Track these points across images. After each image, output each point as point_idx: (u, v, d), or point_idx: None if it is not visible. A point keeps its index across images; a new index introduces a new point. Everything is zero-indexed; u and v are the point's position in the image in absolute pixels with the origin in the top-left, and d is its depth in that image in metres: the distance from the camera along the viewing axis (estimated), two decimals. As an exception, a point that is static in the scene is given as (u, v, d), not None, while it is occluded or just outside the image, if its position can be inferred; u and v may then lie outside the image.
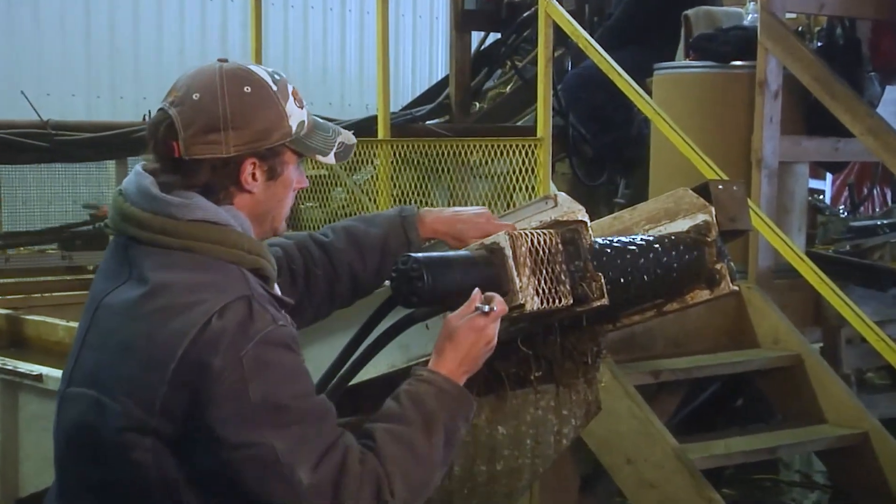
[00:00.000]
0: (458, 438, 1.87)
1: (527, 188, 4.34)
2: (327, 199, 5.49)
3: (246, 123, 1.82)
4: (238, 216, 1.85)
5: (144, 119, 5.93)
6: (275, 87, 1.88)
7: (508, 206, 4.42)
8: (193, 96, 1.83)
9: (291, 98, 1.89)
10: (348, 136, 1.99)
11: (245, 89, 1.84)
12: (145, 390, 1.72)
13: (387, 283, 2.11)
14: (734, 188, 2.42)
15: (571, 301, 2.05)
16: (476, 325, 1.88)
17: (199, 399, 1.70)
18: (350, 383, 2.21)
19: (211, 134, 1.81)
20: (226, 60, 1.89)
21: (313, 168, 5.50)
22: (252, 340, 1.71)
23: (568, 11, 4.53)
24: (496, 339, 1.91)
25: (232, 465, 1.70)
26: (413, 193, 4.96)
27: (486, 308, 1.88)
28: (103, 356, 1.79)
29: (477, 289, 1.91)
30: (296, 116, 1.89)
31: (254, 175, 1.85)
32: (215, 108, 1.82)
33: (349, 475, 1.74)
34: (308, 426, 1.73)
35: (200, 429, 1.71)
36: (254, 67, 1.90)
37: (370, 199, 5.25)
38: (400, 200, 5.02)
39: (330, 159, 1.93)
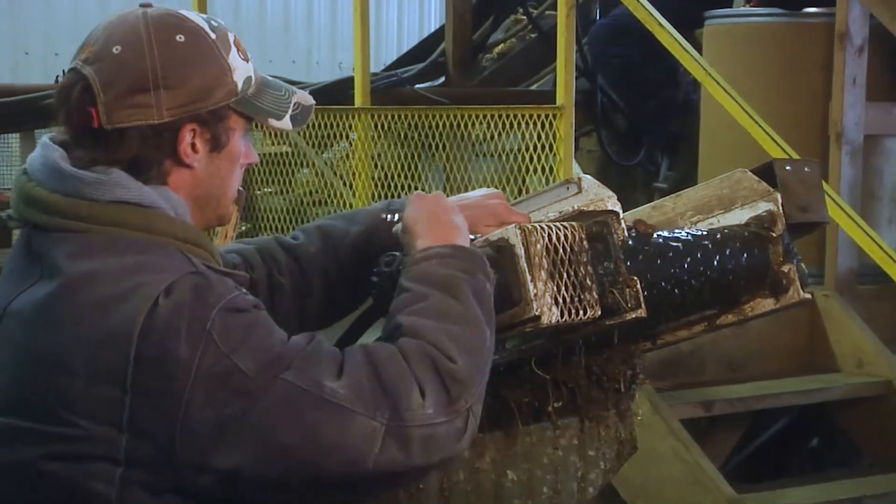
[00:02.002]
0: (488, 294, 1.90)
1: (544, 169, 4.36)
2: (290, 183, 5.51)
3: (181, 81, 1.83)
4: (171, 197, 1.86)
5: (57, 81, 5.94)
6: (213, 35, 1.88)
7: (520, 192, 4.44)
8: (113, 50, 1.83)
9: (234, 49, 1.90)
10: (304, 97, 2.00)
11: (177, 38, 1.85)
12: (102, 408, 1.73)
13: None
14: (806, 169, 2.44)
15: (599, 312, 2.06)
16: (421, 197, 2.00)
17: (176, 402, 1.71)
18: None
19: (138, 95, 1.81)
20: (150, 5, 1.89)
21: (272, 144, 5.52)
22: (214, 308, 1.74)
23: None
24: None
25: (260, 423, 1.72)
26: (399, 176, 4.98)
27: None
28: (22, 375, 1.79)
29: None
30: (241, 71, 1.90)
31: (194, 145, 1.86)
32: (142, 62, 1.82)
33: (387, 360, 1.77)
34: (310, 355, 1.78)
35: (193, 438, 1.72)
36: (186, 13, 1.90)
37: (344, 183, 5.27)
38: (382, 184, 5.04)
39: (285, 123, 1.95)
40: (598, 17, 6.25)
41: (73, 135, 1.86)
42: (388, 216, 2.22)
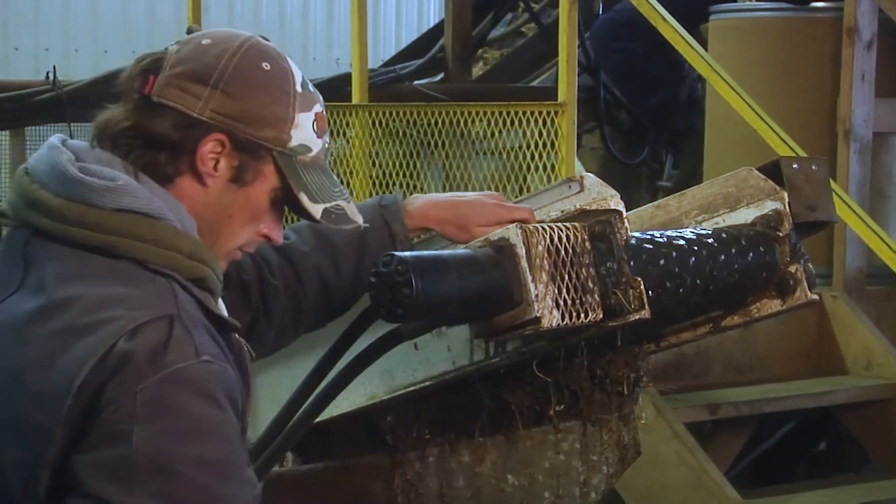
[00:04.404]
0: None
1: (545, 168, 4.37)
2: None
3: (240, 95, 1.84)
4: (178, 208, 1.84)
5: (47, 77, 5.94)
6: (298, 89, 1.91)
7: (521, 191, 4.44)
8: (203, 41, 1.88)
9: (312, 116, 1.92)
10: (353, 211, 1.98)
11: (263, 64, 1.87)
12: (35, 436, 1.70)
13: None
14: (813, 167, 2.44)
15: (601, 315, 2.07)
16: None
17: (78, 435, 1.68)
18: (317, 420, 2.23)
19: (194, 84, 1.84)
20: (268, 39, 1.93)
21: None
22: (158, 373, 1.68)
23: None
24: None
25: None
26: (397, 174, 4.98)
27: None
28: None
29: None
30: (303, 134, 1.90)
31: (216, 161, 1.85)
32: (216, 60, 1.85)
33: None
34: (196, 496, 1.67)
35: (67, 476, 1.68)
36: (291, 61, 1.93)
37: (342, 182, 5.26)
38: (380, 183, 5.04)
39: (315, 210, 1.90)
40: (601, 12, 6.26)
41: (124, 101, 1.86)
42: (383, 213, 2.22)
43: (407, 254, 1.96)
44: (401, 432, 2.52)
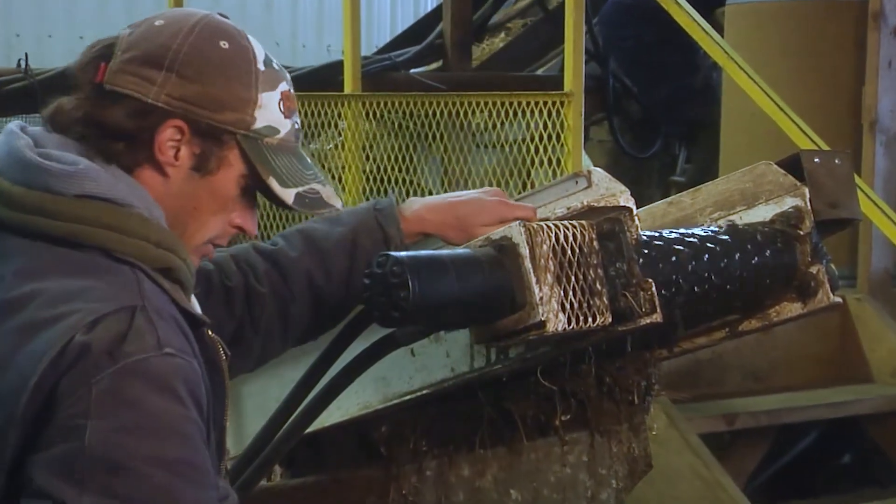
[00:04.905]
0: None
1: (550, 162, 4.37)
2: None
3: (197, 77, 1.84)
4: (143, 196, 1.84)
5: (18, 65, 5.95)
6: (261, 68, 1.90)
7: (525, 186, 4.45)
8: (156, 22, 1.88)
9: (278, 96, 1.91)
10: (329, 193, 1.97)
11: (221, 43, 1.87)
12: None
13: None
14: (836, 161, 2.45)
15: (610, 319, 2.07)
16: None
17: (34, 435, 1.67)
18: (308, 430, 2.23)
19: (148, 68, 1.84)
20: (227, 17, 1.93)
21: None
22: (115, 365, 1.68)
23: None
24: None
25: None
26: (392, 169, 4.99)
27: None
28: None
29: None
30: (268, 115, 1.89)
31: (177, 150, 1.85)
32: (170, 42, 1.85)
33: None
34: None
35: (23, 478, 1.67)
36: (252, 39, 1.93)
37: (333, 177, 5.27)
38: (374, 178, 5.05)
39: (287, 194, 1.90)
40: (610, -5, 6.27)
41: (78, 85, 1.86)
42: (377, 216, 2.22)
43: (403, 253, 1.97)
44: (396, 444, 2.53)
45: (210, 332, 1.88)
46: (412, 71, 6.31)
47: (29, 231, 1.79)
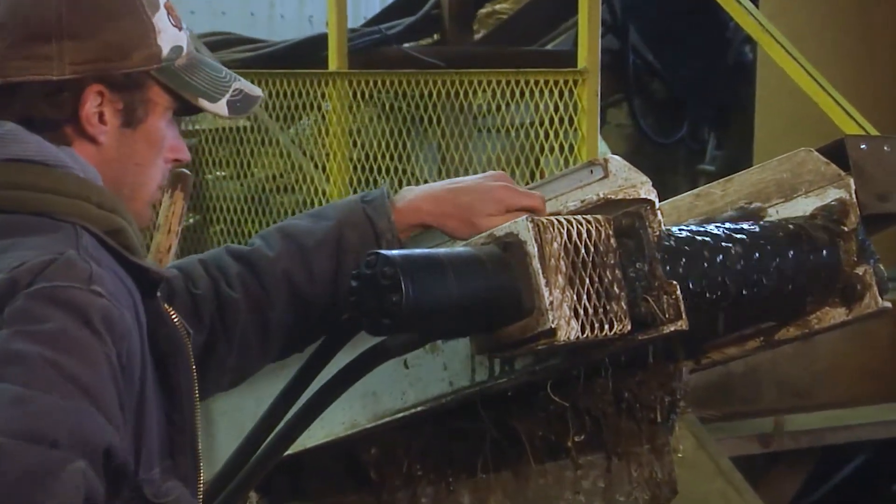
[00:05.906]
0: None
1: (562, 148, 4.38)
2: (249, 164, 5.52)
3: (91, 31, 1.88)
4: (78, 159, 1.88)
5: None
6: None
7: (534, 176, 4.46)
8: None
9: (164, 11, 1.96)
10: (249, 86, 2.05)
11: None
12: None
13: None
14: (886, 148, 2.46)
15: (629, 326, 2.08)
16: None
17: None
18: (287, 452, 2.24)
19: (37, 45, 1.87)
20: None
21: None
22: (31, 288, 1.71)
23: None
24: None
25: None
26: (383, 156, 4.99)
27: None
28: None
29: None
30: (168, 36, 1.96)
31: (102, 115, 1.90)
32: (45, 8, 1.88)
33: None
34: (44, 396, 1.64)
35: None
36: None
37: (316, 165, 5.28)
38: (363, 167, 5.06)
39: (220, 107, 2.00)
40: (629, -40, 6.28)
41: None
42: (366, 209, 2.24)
43: (395, 252, 1.97)
44: (387, 467, 2.53)
45: (167, 307, 1.92)
46: (405, 45, 6.31)
47: None
